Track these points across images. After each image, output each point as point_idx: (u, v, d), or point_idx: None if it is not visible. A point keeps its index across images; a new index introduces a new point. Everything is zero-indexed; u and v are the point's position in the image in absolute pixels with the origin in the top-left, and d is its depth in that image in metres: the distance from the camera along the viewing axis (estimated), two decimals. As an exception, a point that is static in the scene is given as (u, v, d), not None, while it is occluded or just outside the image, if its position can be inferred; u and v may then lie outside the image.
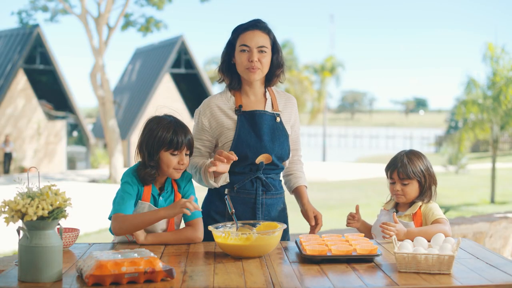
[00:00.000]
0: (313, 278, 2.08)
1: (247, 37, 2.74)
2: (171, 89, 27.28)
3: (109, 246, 2.56)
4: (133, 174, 2.59)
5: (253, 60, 2.72)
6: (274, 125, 2.81)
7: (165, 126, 2.57)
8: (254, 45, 2.73)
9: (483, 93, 15.11)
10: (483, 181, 19.17)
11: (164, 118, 2.62)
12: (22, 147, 23.40)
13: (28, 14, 20.86)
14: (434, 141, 40.80)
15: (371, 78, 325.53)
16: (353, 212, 2.95)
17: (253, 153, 2.76)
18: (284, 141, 2.82)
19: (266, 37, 2.76)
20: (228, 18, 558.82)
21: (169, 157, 2.56)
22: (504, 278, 2.08)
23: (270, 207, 2.83)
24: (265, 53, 2.75)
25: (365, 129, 66.63)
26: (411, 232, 2.64)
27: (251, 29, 2.75)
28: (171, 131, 2.55)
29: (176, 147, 2.55)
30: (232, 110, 2.82)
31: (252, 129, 2.78)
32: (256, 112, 2.80)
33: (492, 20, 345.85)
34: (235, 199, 2.78)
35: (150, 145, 2.56)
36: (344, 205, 14.64)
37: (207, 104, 2.85)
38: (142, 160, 2.60)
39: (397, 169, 2.82)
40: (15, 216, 1.98)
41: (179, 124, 2.61)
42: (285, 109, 2.91)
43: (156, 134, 2.55)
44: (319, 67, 34.19)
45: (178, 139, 2.55)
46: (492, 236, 5.66)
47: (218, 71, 2.89)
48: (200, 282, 2.03)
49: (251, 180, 2.79)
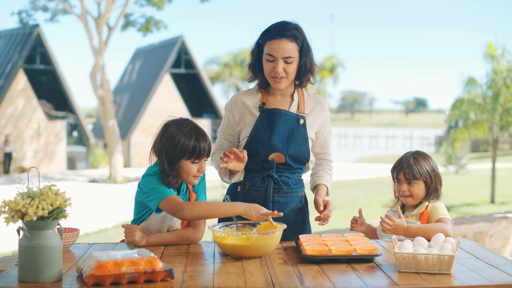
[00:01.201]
0: (313, 278, 2.08)
1: (273, 46, 2.68)
2: (171, 89, 27.28)
3: (109, 246, 2.56)
4: (158, 178, 2.50)
5: (277, 71, 2.69)
6: (295, 126, 2.80)
7: (187, 133, 2.47)
8: (280, 55, 2.68)
9: (483, 93, 15.10)
10: (483, 181, 19.16)
11: (183, 124, 2.52)
12: (22, 147, 23.40)
13: (28, 14, 20.88)
14: (434, 141, 40.80)
15: (371, 78, 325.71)
16: (356, 216, 2.92)
17: (265, 150, 2.75)
18: (303, 143, 2.80)
19: (293, 45, 2.69)
20: (228, 18, 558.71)
21: (189, 166, 2.50)
22: (504, 278, 2.08)
23: (283, 205, 2.82)
24: (291, 63, 2.71)
25: (365, 129, 66.61)
26: (410, 228, 2.63)
27: (277, 38, 2.68)
28: (193, 139, 2.47)
29: (198, 155, 2.49)
30: (257, 107, 2.82)
31: (269, 126, 2.78)
32: (277, 111, 2.80)
33: (492, 20, 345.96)
34: (246, 197, 2.79)
35: (171, 153, 2.47)
36: (344, 205, 14.63)
37: (234, 99, 2.87)
38: (162, 167, 2.51)
39: (403, 169, 2.82)
40: (15, 216, 1.98)
41: (200, 131, 2.53)
42: (312, 113, 2.87)
43: (178, 142, 2.45)
44: (319, 67, 34.22)
45: (201, 147, 2.48)
46: (492, 236, 5.66)
47: (248, 69, 2.86)
48: (200, 282, 2.03)
49: (263, 178, 2.79)
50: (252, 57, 2.81)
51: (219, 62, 35.00)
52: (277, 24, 2.75)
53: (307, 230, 2.92)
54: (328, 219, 2.73)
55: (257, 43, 2.79)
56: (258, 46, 2.78)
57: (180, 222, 2.63)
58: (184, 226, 2.63)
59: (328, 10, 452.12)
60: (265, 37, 2.73)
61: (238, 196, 2.82)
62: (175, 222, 2.62)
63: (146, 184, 2.51)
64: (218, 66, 34.97)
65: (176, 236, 2.59)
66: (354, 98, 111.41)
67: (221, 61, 34.67)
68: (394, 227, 2.62)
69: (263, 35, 2.75)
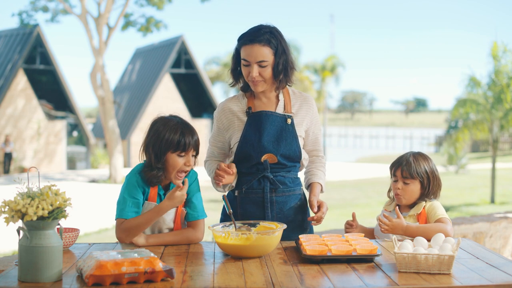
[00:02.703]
0: (313, 278, 2.08)
1: (246, 52, 2.73)
2: (171, 89, 27.28)
3: (109, 246, 2.56)
4: (139, 175, 2.59)
5: (252, 75, 2.72)
6: (283, 126, 2.82)
7: (172, 127, 2.55)
8: (253, 60, 2.72)
9: (484, 92, 15.11)
10: (483, 181, 19.17)
11: (170, 119, 2.60)
12: (22, 147, 23.40)
13: (28, 14, 20.86)
14: (434, 141, 40.81)
15: (371, 78, 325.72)
16: (350, 220, 2.94)
17: (257, 153, 2.78)
18: (293, 141, 2.82)
19: (266, 49, 2.71)
20: (228, 18, 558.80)
21: (175, 159, 2.55)
22: (504, 278, 2.07)
23: (282, 205, 2.83)
24: (265, 67, 2.73)
25: (365, 129, 66.62)
26: (410, 228, 2.63)
27: (250, 44, 2.71)
28: (179, 133, 2.55)
29: (183, 148, 2.55)
30: (243, 112, 2.85)
31: (258, 129, 2.80)
32: (263, 113, 2.82)
33: (492, 20, 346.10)
34: (245, 200, 2.82)
35: (157, 146, 2.55)
36: (344, 205, 14.64)
37: (221, 107, 2.91)
38: (148, 161, 2.58)
39: (402, 167, 2.83)
40: (15, 216, 1.98)
41: (186, 125, 2.60)
42: (300, 111, 2.89)
43: (164, 135, 2.54)
44: (320, 67, 34.18)
45: (186, 140, 2.55)
46: (492, 236, 5.66)
47: (230, 74, 2.89)
48: (200, 282, 2.03)
49: (259, 179, 2.81)
50: (232, 62, 2.85)
51: (219, 62, 34.97)
52: (251, 29, 2.78)
53: (308, 228, 2.92)
54: (321, 220, 2.76)
55: (236, 48, 2.82)
56: (236, 52, 2.82)
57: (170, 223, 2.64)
58: (177, 228, 2.65)
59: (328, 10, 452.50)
60: (240, 42, 2.77)
61: (236, 200, 2.85)
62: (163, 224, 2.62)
63: (124, 186, 2.61)
64: (218, 66, 34.93)
65: (176, 236, 2.59)
66: (354, 98, 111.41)
67: (221, 61, 34.62)
68: (392, 227, 2.63)
69: (239, 40, 2.79)
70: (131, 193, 2.56)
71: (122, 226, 2.54)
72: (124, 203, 2.57)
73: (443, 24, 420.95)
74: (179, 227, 2.65)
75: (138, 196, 2.57)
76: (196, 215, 2.65)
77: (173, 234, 2.60)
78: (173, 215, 2.64)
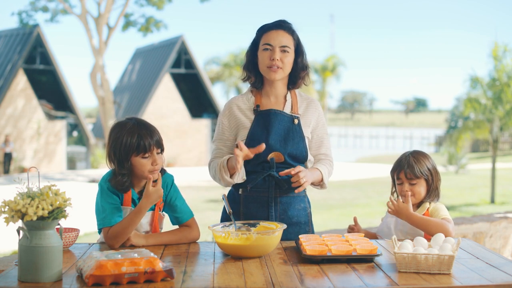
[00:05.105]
0: (313, 278, 2.08)
1: (270, 36, 2.77)
2: (171, 89, 27.28)
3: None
4: (109, 182, 2.55)
5: (274, 58, 2.74)
6: (290, 126, 2.82)
7: (129, 130, 2.50)
8: (277, 44, 2.76)
9: (484, 92, 15.10)
10: (483, 181, 19.16)
11: (126, 122, 2.55)
12: (22, 147, 23.40)
13: (28, 14, 20.88)
14: (434, 141, 40.81)
15: (371, 78, 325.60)
16: (352, 224, 2.94)
17: (264, 151, 2.74)
18: (300, 141, 2.81)
19: (289, 38, 2.79)
20: (228, 18, 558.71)
21: (140, 161, 2.51)
22: (504, 278, 2.08)
23: (286, 205, 2.81)
24: (288, 53, 2.77)
25: (365, 129, 66.61)
26: (413, 216, 2.66)
27: (275, 29, 2.79)
28: (136, 135, 2.49)
29: (145, 149, 2.50)
30: (251, 110, 2.85)
31: (266, 127, 2.80)
32: (272, 111, 2.82)
33: (492, 20, 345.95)
34: (249, 199, 2.80)
35: (119, 153, 2.50)
36: (344, 205, 14.63)
37: (228, 104, 2.91)
38: (114, 169, 2.55)
39: (404, 169, 2.83)
40: (15, 216, 1.98)
41: (143, 125, 2.54)
42: (306, 113, 2.89)
43: (122, 140, 2.49)
44: (320, 67, 34.17)
45: (145, 142, 2.49)
46: (492, 236, 5.66)
47: (242, 69, 2.90)
48: (200, 282, 2.03)
49: (264, 178, 2.79)
50: (246, 57, 2.88)
51: (219, 62, 34.96)
52: (275, 20, 2.85)
53: (310, 232, 2.91)
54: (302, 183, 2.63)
55: (253, 41, 2.86)
56: (253, 44, 2.85)
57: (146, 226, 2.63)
58: (155, 230, 2.64)
59: (328, 10, 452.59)
60: (262, 30, 2.83)
61: (240, 198, 2.82)
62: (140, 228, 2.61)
63: (98, 195, 2.57)
64: (218, 66, 34.92)
65: (174, 236, 2.60)
66: (354, 98, 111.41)
67: (221, 61, 34.63)
68: (398, 208, 2.66)
69: (260, 30, 2.84)
70: (107, 200, 2.53)
71: (109, 234, 2.49)
72: (103, 212, 2.53)
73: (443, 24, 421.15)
74: (157, 231, 2.64)
75: (116, 201, 2.54)
76: (186, 216, 2.66)
77: (172, 233, 2.61)
78: (149, 217, 2.62)
